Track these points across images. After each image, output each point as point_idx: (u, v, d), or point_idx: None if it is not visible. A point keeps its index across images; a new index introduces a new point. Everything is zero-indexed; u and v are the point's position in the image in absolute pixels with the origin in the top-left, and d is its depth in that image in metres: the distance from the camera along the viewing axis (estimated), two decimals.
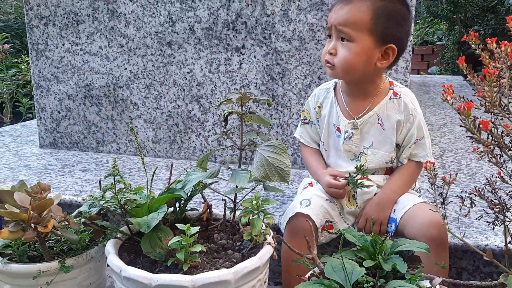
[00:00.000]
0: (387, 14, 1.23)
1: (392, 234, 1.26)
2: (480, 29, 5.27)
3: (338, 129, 1.37)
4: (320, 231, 1.27)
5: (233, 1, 1.96)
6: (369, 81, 1.31)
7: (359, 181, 1.27)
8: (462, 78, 4.88)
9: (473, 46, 0.83)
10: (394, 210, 1.29)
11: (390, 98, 1.32)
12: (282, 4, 1.90)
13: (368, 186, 1.32)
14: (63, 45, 2.25)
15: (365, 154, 1.33)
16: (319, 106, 1.42)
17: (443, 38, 6.27)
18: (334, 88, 1.41)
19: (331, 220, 1.30)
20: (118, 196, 1.13)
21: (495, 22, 5.21)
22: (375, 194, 1.33)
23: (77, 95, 2.29)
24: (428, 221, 1.17)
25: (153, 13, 2.08)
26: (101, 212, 1.22)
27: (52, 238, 1.27)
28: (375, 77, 1.32)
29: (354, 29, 1.22)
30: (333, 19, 1.26)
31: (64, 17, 2.22)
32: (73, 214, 1.29)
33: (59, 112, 2.34)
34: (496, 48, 0.80)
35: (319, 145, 1.45)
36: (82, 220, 1.23)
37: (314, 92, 1.45)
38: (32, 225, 1.13)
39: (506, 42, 0.76)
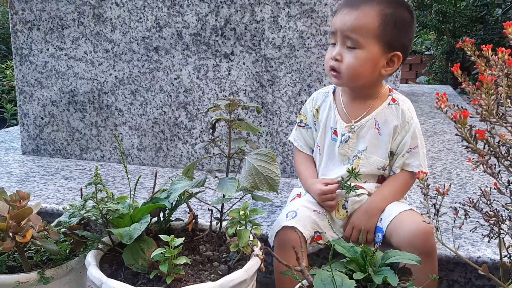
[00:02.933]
0: (395, 21, 1.21)
1: (380, 244, 1.23)
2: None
3: (335, 133, 1.35)
4: (309, 242, 1.24)
5: (222, 7, 1.93)
6: (371, 87, 1.31)
7: (352, 185, 1.27)
8: (451, 88, 4.91)
9: (468, 52, 0.80)
10: (381, 219, 1.27)
11: (389, 104, 1.32)
12: (272, 11, 1.88)
13: (359, 194, 1.29)
14: (48, 50, 2.21)
15: (358, 157, 1.31)
16: (316, 109, 1.40)
17: (431, 48, 6.32)
18: (333, 92, 1.40)
19: (319, 230, 1.27)
20: (100, 206, 1.09)
21: (484, 32, 5.26)
22: None
23: (61, 101, 2.24)
24: (414, 230, 1.15)
25: (140, 18, 2.04)
26: (82, 222, 1.18)
27: (32, 248, 1.22)
28: (377, 83, 1.31)
29: (362, 36, 1.20)
30: (339, 25, 1.23)
31: (49, 21, 2.18)
32: (53, 224, 1.24)
33: (42, 118, 2.29)
34: (492, 56, 0.78)
35: (312, 151, 1.43)
36: (62, 230, 1.18)
37: (312, 96, 1.44)
38: (11, 234, 1.09)
39: (503, 48, 0.73)
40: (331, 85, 1.43)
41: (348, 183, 1.29)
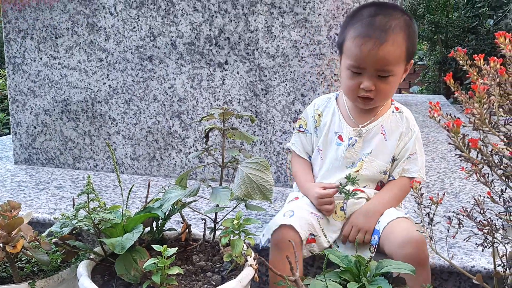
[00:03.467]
0: (415, 37, 1.27)
1: (376, 246, 1.23)
2: None
3: (340, 137, 1.36)
4: (304, 243, 1.24)
5: (216, 17, 1.94)
6: None
7: (351, 190, 1.29)
8: (443, 98, 4.94)
9: (460, 62, 0.81)
10: (379, 221, 1.27)
11: (393, 112, 1.36)
12: (266, 20, 1.88)
13: (358, 198, 1.30)
14: (41, 59, 2.20)
15: (363, 160, 1.33)
16: (319, 115, 1.41)
17: (424, 58, 6.37)
18: (336, 98, 1.42)
19: (313, 233, 1.26)
20: (92, 215, 1.08)
21: (476, 42, 5.31)
22: None
23: (54, 110, 2.23)
24: (405, 239, 1.15)
25: (134, 27, 2.04)
26: (74, 232, 1.17)
27: (23, 259, 1.21)
28: None
29: (395, 65, 1.23)
30: (370, 62, 1.21)
31: (42, 30, 2.17)
32: (44, 234, 1.23)
33: (35, 128, 2.28)
34: (484, 65, 0.78)
35: (309, 157, 1.43)
36: (54, 240, 1.17)
37: (314, 101, 1.45)
38: (1, 244, 1.07)
39: (495, 58, 0.74)
40: (334, 92, 1.46)
41: (347, 188, 1.29)
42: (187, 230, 1.22)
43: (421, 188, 0.95)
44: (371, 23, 1.21)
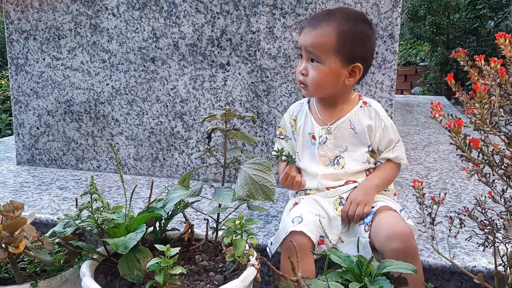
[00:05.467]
0: (352, 36, 1.31)
1: (370, 224, 1.26)
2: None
3: (314, 137, 1.43)
4: (316, 246, 1.25)
5: (218, 18, 1.95)
6: (340, 95, 1.41)
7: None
8: (445, 99, 4.94)
9: (461, 63, 0.81)
10: (376, 205, 1.31)
11: (361, 107, 1.42)
12: (268, 21, 1.89)
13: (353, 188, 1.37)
14: (44, 59, 2.21)
15: (342, 157, 1.40)
16: (294, 120, 1.49)
17: (425, 59, 6.37)
18: (308, 102, 1.50)
19: (322, 234, 1.28)
20: (95, 215, 1.08)
21: (477, 44, 5.31)
22: None
23: (57, 110, 2.24)
24: (391, 233, 1.17)
25: (137, 28, 2.05)
26: (77, 232, 1.17)
27: (25, 259, 1.21)
28: (345, 92, 1.41)
29: (322, 52, 1.31)
30: (302, 41, 1.34)
31: (45, 31, 2.18)
32: (47, 234, 1.24)
33: (38, 128, 2.29)
34: (484, 66, 0.79)
35: None
36: (57, 240, 1.18)
37: (289, 108, 1.54)
38: (3, 245, 1.08)
39: (495, 58, 0.74)
40: (305, 98, 1.53)
41: (284, 153, 1.39)
42: (189, 230, 1.23)
43: (422, 188, 0.95)
44: (315, 16, 1.39)
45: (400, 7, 1.77)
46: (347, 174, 1.38)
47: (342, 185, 1.38)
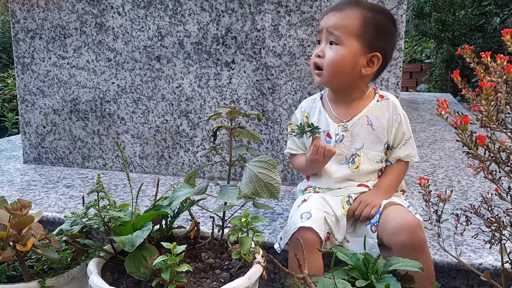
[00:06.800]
0: (376, 24, 1.30)
1: (377, 225, 1.25)
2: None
3: (328, 135, 1.39)
4: (323, 242, 1.25)
5: (223, 16, 1.95)
6: (355, 87, 1.37)
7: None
8: (451, 96, 4.92)
9: (467, 59, 0.81)
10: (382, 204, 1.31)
11: (378, 101, 1.38)
12: (272, 19, 1.89)
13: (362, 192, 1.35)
14: (50, 58, 2.22)
15: (358, 155, 1.36)
16: (306, 116, 1.45)
17: (431, 56, 6.34)
18: (321, 98, 1.45)
19: (329, 231, 1.28)
20: (102, 213, 1.09)
21: (483, 40, 5.27)
22: None
23: (63, 109, 2.25)
24: (398, 226, 1.17)
25: (142, 27, 2.06)
26: (84, 230, 1.18)
27: (33, 257, 1.22)
28: (360, 83, 1.37)
29: (343, 33, 1.28)
30: (324, 23, 1.32)
31: (51, 30, 2.19)
32: (54, 232, 1.24)
33: (44, 127, 2.30)
34: (490, 62, 0.79)
35: None
36: (64, 238, 1.18)
37: (300, 105, 1.49)
38: (11, 243, 1.08)
39: (501, 55, 0.74)
40: (318, 92, 1.49)
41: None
42: (195, 228, 1.23)
43: (428, 185, 0.95)
44: (340, 2, 1.38)
45: (405, 4, 1.76)
46: (360, 175, 1.36)
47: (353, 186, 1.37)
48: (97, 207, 1.10)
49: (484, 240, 0.95)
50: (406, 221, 1.16)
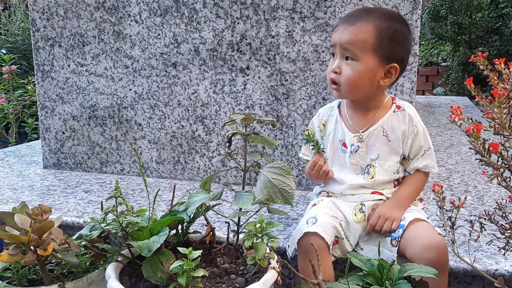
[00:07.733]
0: (391, 34, 1.27)
1: (399, 239, 1.24)
2: (484, 50, 5.28)
3: (344, 144, 1.39)
4: (331, 247, 1.25)
5: (238, 23, 1.97)
6: (373, 98, 1.36)
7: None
8: (468, 99, 4.87)
9: (481, 67, 0.81)
10: (404, 217, 1.29)
11: (394, 111, 1.37)
12: (287, 25, 1.90)
13: (378, 199, 1.34)
14: (69, 66, 2.26)
15: (373, 166, 1.35)
16: (323, 124, 1.45)
17: (447, 59, 6.29)
18: (339, 107, 1.44)
19: (337, 235, 1.28)
20: (120, 219, 1.11)
21: (500, 43, 5.22)
22: None
23: (82, 115, 2.29)
24: (428, 243, 1.16)
25: (159, 34, 2.09)
26: (102, 235, 1.20)
27: (53, 261, 1.24)
28: (378, 94, 1.36)
29: (359, 49, 1.26)
30: (337, 38, 1.29)
31: (70, 38, 2.24)
32: (74, 237, 1.27)
33: (63, 133, 2.34)
34: (504, 69, 0.79)
35: None
36: (83, 243, 1.21)
37: (318, 112, 1.48)
38: (32, 248, 1.11)
39: None
40: (337, 100, 1.47)
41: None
42: (211, 233, 1.25)
43: (443, 192, 0.95)
44: (351, 14, 1.34)
45: (420, 9, 1.76)
46: (375, 185, 1.35)
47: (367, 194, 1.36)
48: (115, 212, 1.12)
49: (498, 247, 0.95)
50: (436, 241, 1.15)
